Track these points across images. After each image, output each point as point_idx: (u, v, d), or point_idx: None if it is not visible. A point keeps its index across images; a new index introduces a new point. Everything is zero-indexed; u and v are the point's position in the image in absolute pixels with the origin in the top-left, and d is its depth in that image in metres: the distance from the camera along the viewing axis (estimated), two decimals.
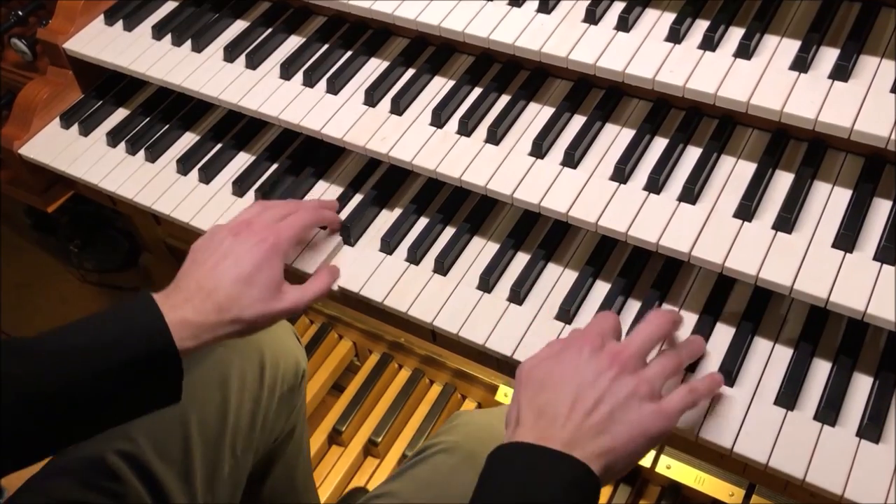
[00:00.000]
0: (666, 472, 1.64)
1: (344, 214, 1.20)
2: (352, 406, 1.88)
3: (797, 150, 1.08)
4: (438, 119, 1.17)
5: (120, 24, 1.40)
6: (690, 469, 1.62)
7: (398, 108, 1.19)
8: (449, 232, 1.16)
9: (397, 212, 1.20)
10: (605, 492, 1.72)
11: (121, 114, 1.40)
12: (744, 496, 1.56)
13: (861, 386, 0.97)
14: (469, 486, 1.13)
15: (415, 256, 1.14)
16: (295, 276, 1.17)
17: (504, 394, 1.80)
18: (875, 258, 0.97)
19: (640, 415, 0.85)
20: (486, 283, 1.10)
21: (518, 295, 1.08)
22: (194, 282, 0.97)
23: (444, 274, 1.12)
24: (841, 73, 1.03)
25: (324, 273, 1.10)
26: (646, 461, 1.64)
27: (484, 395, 1.85)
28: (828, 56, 1.06)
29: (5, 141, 1.38)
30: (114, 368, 0.88)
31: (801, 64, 1.04)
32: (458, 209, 1.19)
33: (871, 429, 0.93)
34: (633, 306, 1.06)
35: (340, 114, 1.21)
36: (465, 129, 1.16)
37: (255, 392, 1.21)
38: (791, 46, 1.07)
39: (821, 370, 0.99)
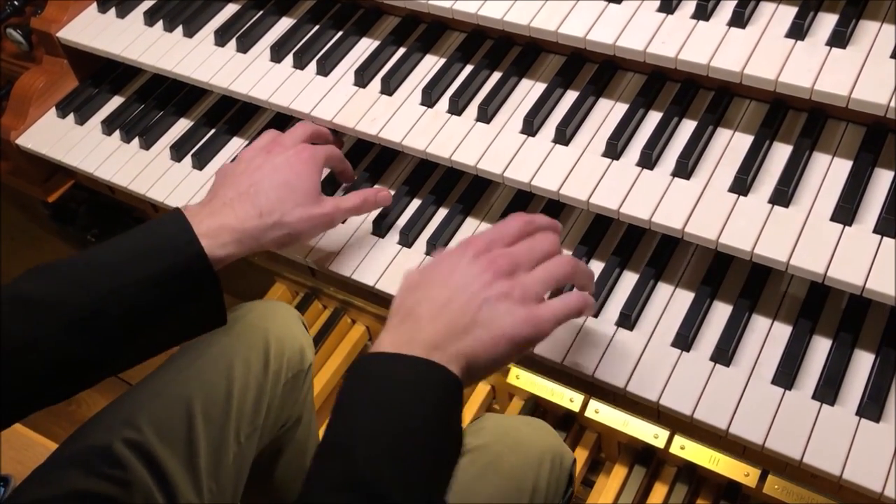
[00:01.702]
0: (680, 453, 1.61)
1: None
2: None
3: (796, 120, 1.05)
4: (429, 98, 1.15)
5: (112, 11, 1.39)
6: (705, 449, 1.59)
7: (388, 88, 1.17)
8: (441, 213, 1.15)
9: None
10: (620, 473, 1.70)
11: (116, 101, 1.40)
12: (759, 476, 1.53)
13: (862, 363, 0.94)
14: (493, 493, 1.12)
15: (407, 239, 1.12)
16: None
17: (516, 376, 1.78)
18: (875, 231, 0.93)
19: (508, 319, 0.81)
20: None
21: None
22: (232, 190, 0.97)
23: None
24: (839, 39, 0.99)
25: (366, 189, 1.09)
26: (659, 441, 1.62)
27: (497, 378, 1.82)
28: (825, 22, 1.02)
29: (3, 131, 1.38)
30: (144, 284, 0.87)
31: (798, 31, 1.01)
32: (450, 190, 1.17)
33: (871, 408, 0.90)
34: (628, 285, 1.04)
35: (330, 95, 1.19)
36: (456, 107, 1.13)
37: (260, 379, 1.20)
38: (787, 13, 1.03)
39: (820, 348, 0.96)
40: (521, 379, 1.73)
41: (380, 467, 0.73)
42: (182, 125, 1.33)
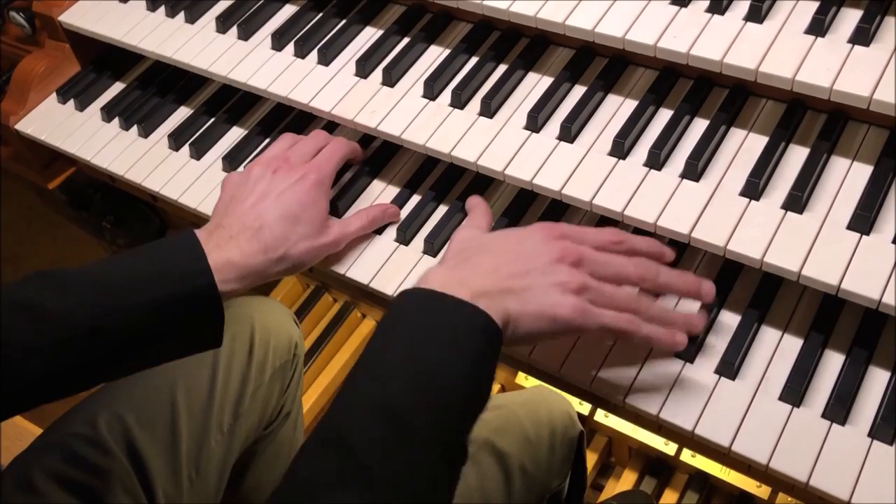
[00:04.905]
0: (691, 461, 1.57)
1: (333, 191, 1.15)
2: None
3: (814, 121, 0.99)
4: (431, 91, 1.11)
5: None
6: None
7: (390, 79, 1.13)
8: (441, 211, 1.10)
9: (390, 189, 1.14)
10: (631, 478, 1.66)
11: (117, 88, 1.37)
12: (772, 488, 1.48)
13: (876, 382, 0.88)
14: (485, 479, 1.09)
15: (404, 237, 1.08)
16: None
17: (524, 377, 1.74)
18: (894, 241, 0.88)
19: (558, 300, 0.81)
20: None
21: None
22: (237, 220, 0.96)
23: (434, 255, 1.06)
24: (862, 36, 0.93)
25: (371, 208, 1.08)
26: (669, 449, 1.57)
27: (506, 377, 1.79)
28: (848, 18, 0.96)
29: (2, 116, 1.35)
30: (152, 307, 0.86)
31: (818, 27, 0.95)
32: (451, 187, 1.12)
33: (884, 429, 0.84)
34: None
35: (331, 86, 1.15)
36: (459, 101, 1.09)
37: (243, 367, 1.20)
38: (807, 8, 0.97)
39: (832, 364, 0.91)
40: (531, 381, 1.69)
41: (415, 402, 0.72)
42: (182, 113, 1.30)
